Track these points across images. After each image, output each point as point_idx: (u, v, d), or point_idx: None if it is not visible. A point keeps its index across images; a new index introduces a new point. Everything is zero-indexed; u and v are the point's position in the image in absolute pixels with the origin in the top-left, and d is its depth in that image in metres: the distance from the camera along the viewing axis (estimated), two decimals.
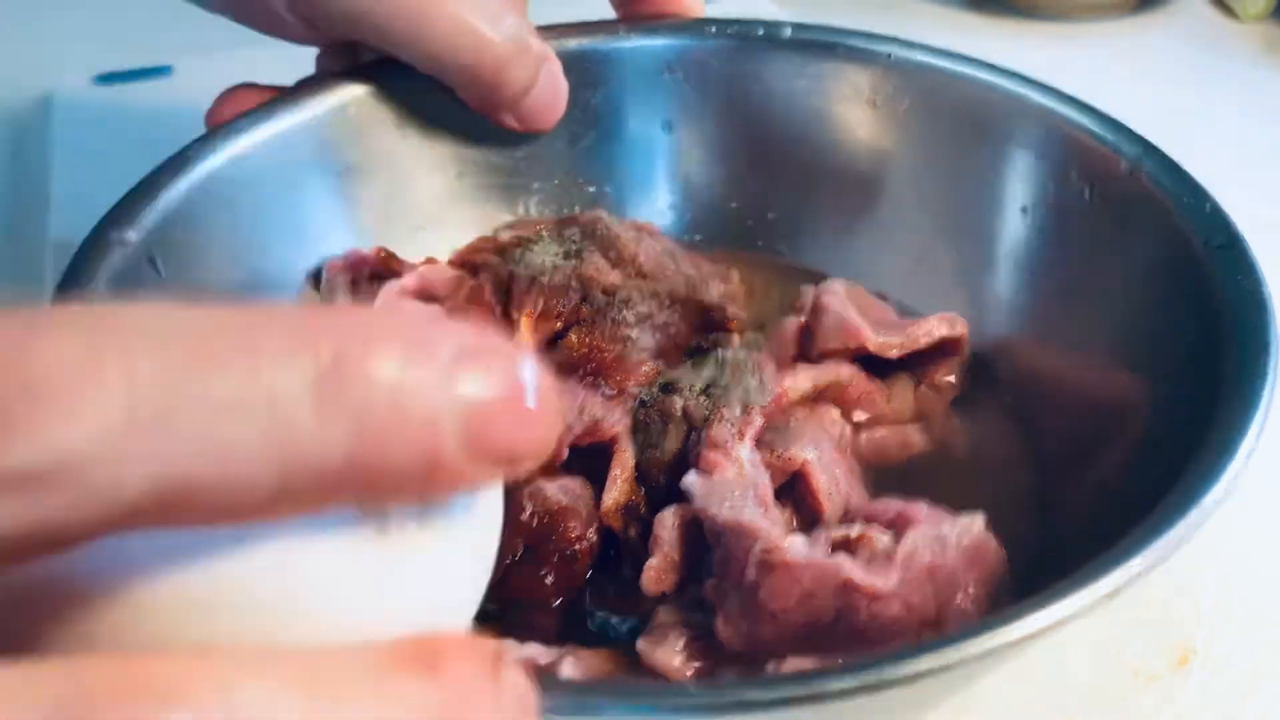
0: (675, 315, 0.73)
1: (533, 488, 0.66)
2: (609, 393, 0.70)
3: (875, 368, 0.76)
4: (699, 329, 0.74)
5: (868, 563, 0.59)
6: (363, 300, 0.76)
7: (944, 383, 0.77)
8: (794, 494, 0.68)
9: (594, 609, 0.66)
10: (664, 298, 0.73)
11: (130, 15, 1.30)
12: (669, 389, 0.70)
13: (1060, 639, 0.68)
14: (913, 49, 0.81)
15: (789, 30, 0.84)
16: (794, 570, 0.57)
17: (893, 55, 0.81)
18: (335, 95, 0.80)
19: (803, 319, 0.74)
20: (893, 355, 0.75)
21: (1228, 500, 0.50)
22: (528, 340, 0.71)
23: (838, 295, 0.74)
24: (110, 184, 0.68)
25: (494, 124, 0.81)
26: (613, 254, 0.75)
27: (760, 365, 0.70)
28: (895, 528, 0.61)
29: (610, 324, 0.71)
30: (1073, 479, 0.68)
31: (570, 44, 0.85)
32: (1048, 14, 1.33)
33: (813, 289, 0.75)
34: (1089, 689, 0.66)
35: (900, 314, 0.81)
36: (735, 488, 0.63)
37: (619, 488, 0.66)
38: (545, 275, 0.72)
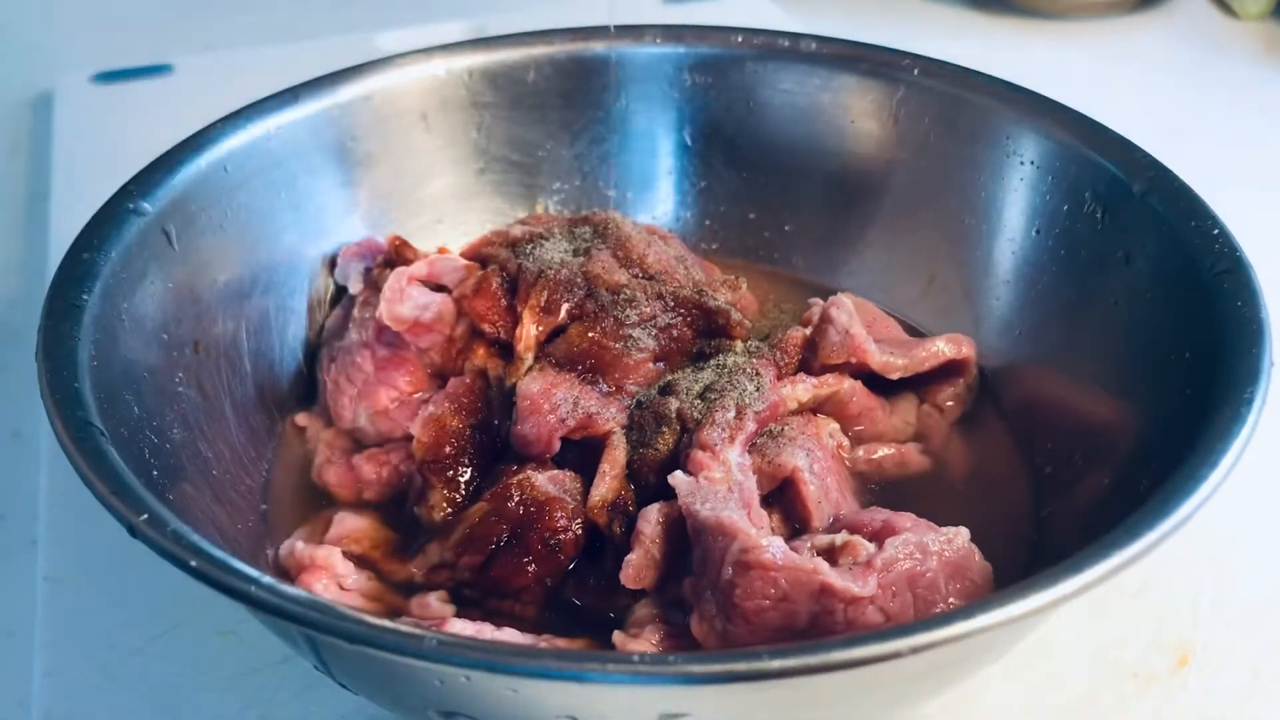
0: (679, 318, 0.73)
1: (522, 477, 0.67)
2: (605, 389, 0.70)
3: (879, 383, 0.75)
4: (703, 334, 0.74)
5: (848, 569, 0.58)
6: (374, 287, 0.77)
7: (947, 404, 0.77)
8: (784, 500, 0.68)
9: (574, 600, 0.66)
10: (669, 300, 0.73)
11: (130, 14, 1.31)
12: (667, 391, 0.70)
13: (1060, 639, 0.67)
14: (936, 66, 0.80)
15: (814, 44, 0.84)
16: (770, 571, 0.57)
17: (917, 71, 0.80)
18: (360, 85, 0.81)
19: (808, 331, 0.74)
20: (895, 377, 0.75)
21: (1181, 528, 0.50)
22: (530, 332, 0.71)
23: (845, 310, 0.73)
24: (110, 183, 0.69)
25: (523, 123, 0.81)
26: (621, 254, 0.75)
27: (759, 372, 0.70)
28: (880, 538, 0.61)
29: (613, 322, 0.71)
30: (1065, 498, 0.67)
31: (596, 48, 0.86)
32: (1048, 13, 1.33)
33: (820, 302, 0.75)
34: (1089, 690, 0.66)
35: (909, 331, 0.81)
36: (720, 489, 0.63)
37: (607, 484, 0.66)
38: (553, 270, 0.72)
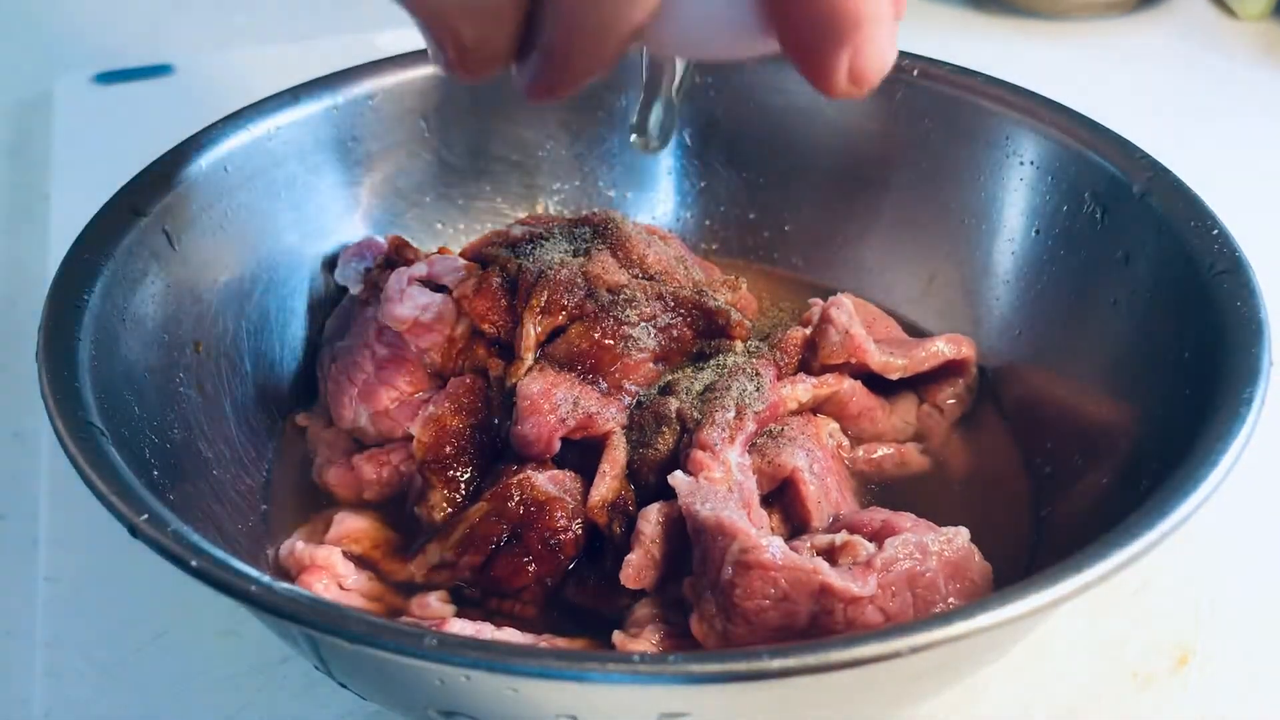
0: (679, 318, 0.73)
1: (522, 477, 0.67)
2: (605, 389, 0.70)
3: (879, 383, 0.75)
4: (703, 334, 0.74)
5: (847, 569, 0.58)
6: (374, 287, 0.77)
7: (947, 404, 0.77)
8: (784, 500, 0.68)
9: (574, 600, 0.66)
10: (669, 300, 0.73)
11: (130, 14, 1.30)
12: (667, 391, 0.70)
13: (1060, 639, 0.67)
14: (936, 66, 0.80)
15: None
16: (770, 571, 0.57)
17: (916, 72, 0.81)
18: (360, 85, 0.81)
19: (808, 331, 0.74)
20: (895, 377, 0.75)
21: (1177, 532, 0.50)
22: (530, 332, 0.71)
23: (845, 310, 0.73)
24: (110, 184, 0.69)
25: (523, 123, 0.81)
26: (621, 254, 0.75)
27: (759, 372, 0.70)
28: (880, 537, 0.61)
29: (613, 321, 0.71)
30: (1065, 498, 0.68)
31: None
32: (1048, 13, 1.32)
33: (821, 302, 0.75)
34: (1089, 689, 0.66)
35: (909, 331, 0.81)
36: (720, 489, 0.63)
37: (607, 484, 0.66)
38: (552, 270, 0.72)
